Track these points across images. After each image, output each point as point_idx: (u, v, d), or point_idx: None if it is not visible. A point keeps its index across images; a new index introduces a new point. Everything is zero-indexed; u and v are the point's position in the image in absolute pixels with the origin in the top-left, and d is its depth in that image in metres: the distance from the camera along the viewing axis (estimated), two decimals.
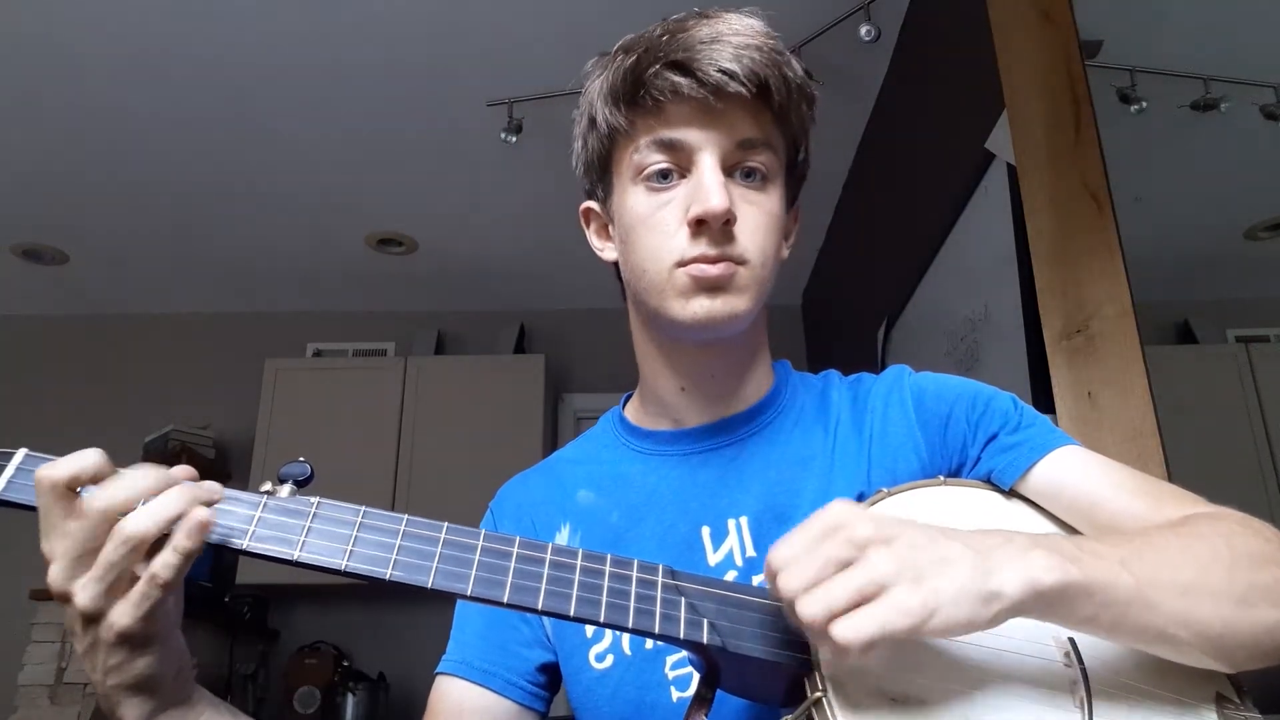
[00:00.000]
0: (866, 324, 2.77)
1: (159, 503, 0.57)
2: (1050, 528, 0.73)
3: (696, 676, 0.71)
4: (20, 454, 0.61)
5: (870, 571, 0.54)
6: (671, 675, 0.75)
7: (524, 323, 3.89)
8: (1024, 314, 1.58)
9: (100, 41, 2.45)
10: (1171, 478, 1.25)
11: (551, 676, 0.84)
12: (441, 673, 0.83)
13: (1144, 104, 1.70)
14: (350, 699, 3.22)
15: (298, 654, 3.34)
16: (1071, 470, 0.73)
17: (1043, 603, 0.56)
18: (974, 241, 1.89)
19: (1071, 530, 0.73)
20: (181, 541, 0.57)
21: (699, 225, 0.74)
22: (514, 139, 2.66)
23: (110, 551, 0.56)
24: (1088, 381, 1.35)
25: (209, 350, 3.95)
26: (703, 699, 0.63)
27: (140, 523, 0.56)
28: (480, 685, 0.81)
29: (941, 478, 0.75)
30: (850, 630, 0.52)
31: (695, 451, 0.83)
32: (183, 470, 0.61)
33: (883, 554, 0.55)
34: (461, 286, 3.89)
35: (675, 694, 0.74)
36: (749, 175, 0.76)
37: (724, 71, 0.72)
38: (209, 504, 0.59)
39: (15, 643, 3.00)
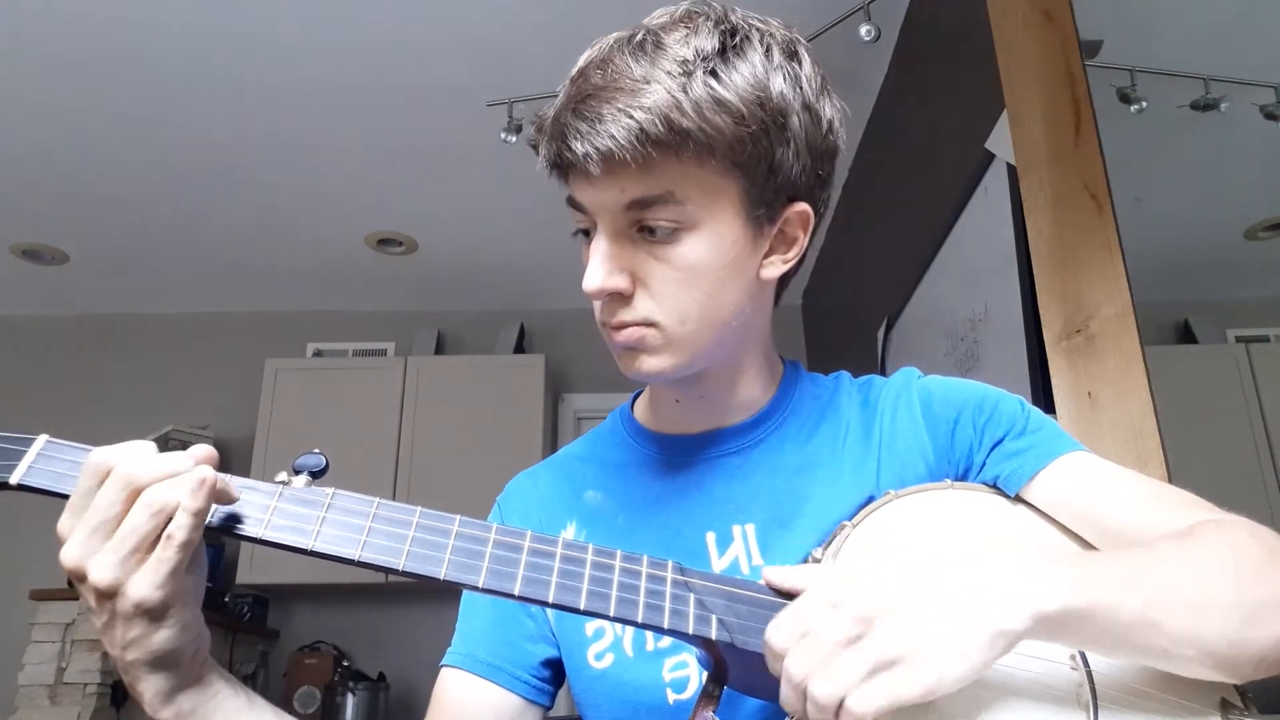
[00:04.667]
0: (866, 324, 2.77)
1: (184, 475, 0.59)
2: (1055, 534, 0.73)
3: (701, 675, 0.71)
4: (41, 440, 0.63)
5: (881, 648, 0.54)
6: (669, 678, 0.75)
7: (524, 323, 3.90)
8: (1024, 314, 1.59)
9: (101, 42, 2.45)
10: (1171, 478, 1.25)
11: (556, 671, 0.84)
12: (447, 665, 0.83)
13: (1144, 104, 1.71)
14: (350, 699, 3.22)
15: (298, 654, 3.35)
16: (1077, 477, 0.73)
17: (1048, 628, 0.57)
18: (974, 241, 1.89)
19: (1076, 537, 0.72)
20: (188, 502, 0.58)
21: None
22: (514, 139, 2.66)
23: (136, 517, 0.58)
24: (1088, 381, 1.35)
25: (209, 350, 3.95)
26: (710, 695, 0.63)
27: (167, 491, 0.58)
28: (486, 679, 0.81)
29: (948, 481, 0.75)
30: (865, 703, 0.53)
31: (702, 458, 0.83)
32: (204, 449, 0.62)
33: (891, 627, 0.55)
34: (461, 286, 3.89)
35: (671, 696, 0.75)
36: (652, 232, 0.70)
37: (584, 154, 0.67)
38: (228, 498, 0.61)
39: (15, 643, 2.99)
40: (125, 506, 0.58)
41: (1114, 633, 0.59)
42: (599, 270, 0.71)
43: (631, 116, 0.66)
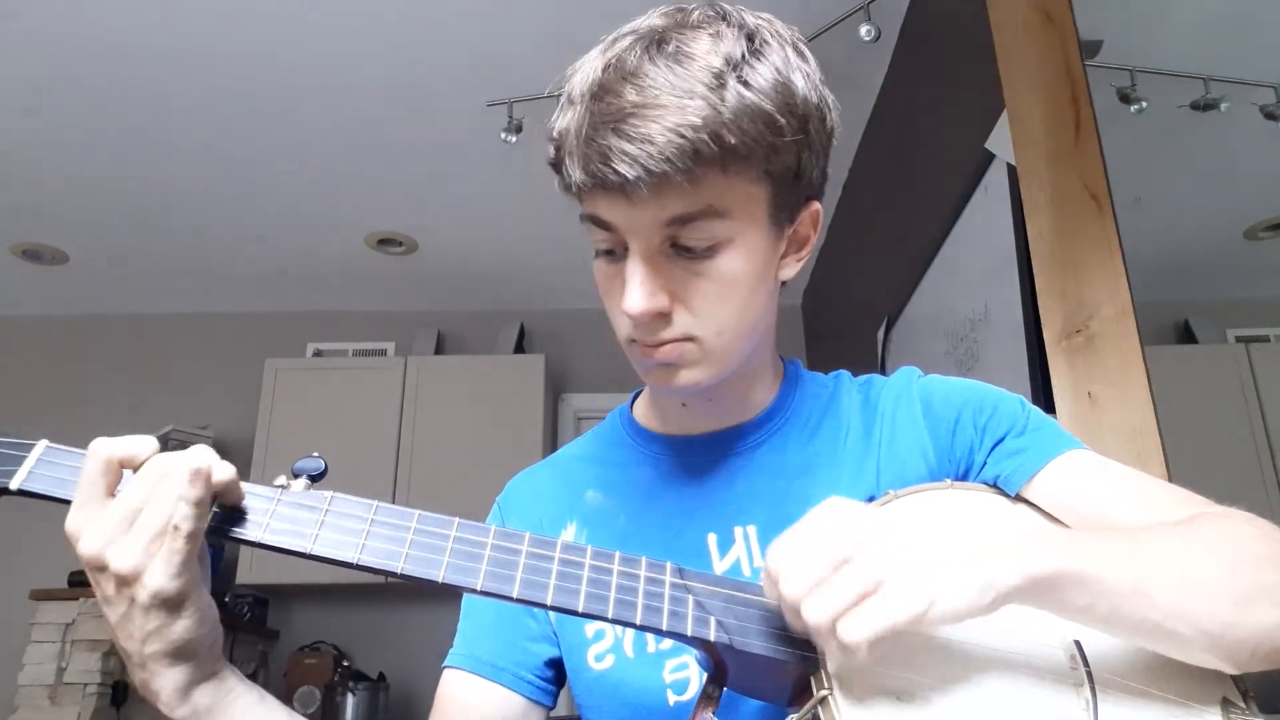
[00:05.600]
0: (866, 324, 2.77)
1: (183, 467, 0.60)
2: (1056, 532, 0.73)
3: (701, 677, 0.71)
4: (41, 445, 0.63)
5: (868, 568, 0.55)
6: (669, 679, 0.75)
7: (524, 323, 3.90)
8: (1024, 314, 1.59)
9: (101, 42, 2.45)
10: (1171, 478, 1.25)
11: (559, 671, 0.84)
12: (449, 666, 0.83)
13: (1144, 104, 1.70)
14: (350, 699, 3.22)
15: (298, 654, 3.35)
16: (1077, 476, 0.73)
17: (1038, 590, 0.58)
18: (974, 241, 1.89)
19: None
20: (186, 491, 0.59)
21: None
22: (514, 139, 2.66)
23: (154, 506, 0.59)
24: (1088, 381, 1.35)
25: (209, 350, 3.95)
26: (709, 697, 0.63)
27: (180, 482, 0.59)
28: (489, 680, 0.81)
29: (948, 481, 0.75)
30: (855, 629, 0.53)
31: (704, 459, 0.83)
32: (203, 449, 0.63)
33: (878, 549, 0.56)
34: (461, 286, 3.89)
35: (672, 698, 0.75)
36: (689, 249, 0.69)
37: (635, 177, 0.64)
38: (225, 480, 0.62)
39: (15, 643, 2.99)
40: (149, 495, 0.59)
41: (1106, 601, 0.59)
42: (639, 293, 0.69)
43: (684, 136, 0.63)
